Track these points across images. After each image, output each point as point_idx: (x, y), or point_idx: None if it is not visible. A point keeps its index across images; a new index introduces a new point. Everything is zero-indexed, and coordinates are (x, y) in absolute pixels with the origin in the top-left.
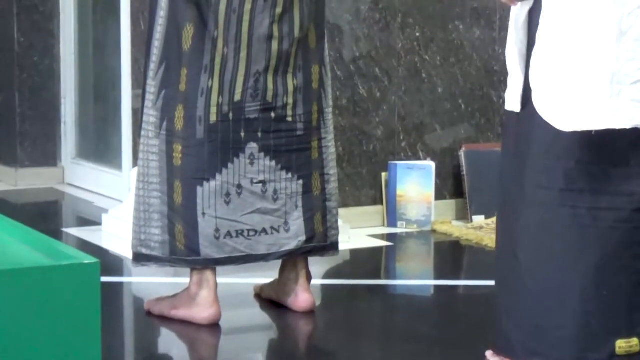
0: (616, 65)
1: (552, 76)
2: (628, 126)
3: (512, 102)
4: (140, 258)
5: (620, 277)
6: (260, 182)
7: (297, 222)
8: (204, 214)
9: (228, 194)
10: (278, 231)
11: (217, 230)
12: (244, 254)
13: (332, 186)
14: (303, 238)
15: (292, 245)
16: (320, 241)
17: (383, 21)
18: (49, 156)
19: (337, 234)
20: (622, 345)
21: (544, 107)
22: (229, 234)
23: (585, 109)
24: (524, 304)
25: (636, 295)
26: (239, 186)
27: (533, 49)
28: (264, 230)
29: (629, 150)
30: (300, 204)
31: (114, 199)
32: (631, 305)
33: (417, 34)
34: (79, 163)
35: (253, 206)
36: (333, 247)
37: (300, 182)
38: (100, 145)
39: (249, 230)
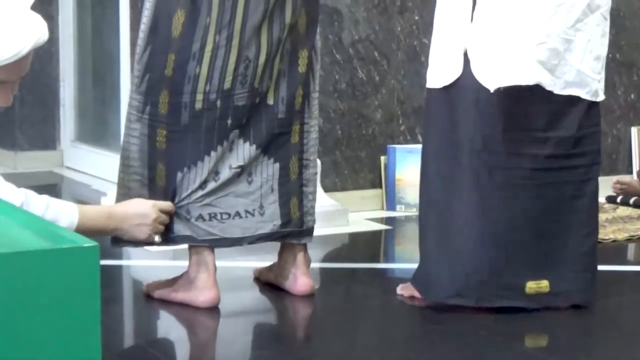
0: (527, 29)
1: (484, 40)
2: (530, 82)
3: (448, 74)
4: (117, 240)
5: (530, 228)
6: (238, 166)
7: (272, 205)
8: (179, 197)
9: (205, 181)
10: (253, 214)
11: (188, 212)
12: (218, 237)
13: (311, 172)
14: (278, 222)
15: (267, 228)
16: (297, 226)
17: (382, 4)
18: (47, 139)
19: (314, 220)
20: (532, 286)
21: (479, 70)
22: (200, 216)
23: (500, 68)
24: (456, 254)
25: (546, 243)
26: (217, 172)
27: (473, 16)
28: (238, 214)
29: (537, 117)
30: (276, 187)
31: (112, 182)
32: (540, 251)
33: (416, 17)
34: (77, 146)
35: (227, 189)
36: (309, 232)
37: (277, 165)
38: (99, 128)
39: (221, 214)
